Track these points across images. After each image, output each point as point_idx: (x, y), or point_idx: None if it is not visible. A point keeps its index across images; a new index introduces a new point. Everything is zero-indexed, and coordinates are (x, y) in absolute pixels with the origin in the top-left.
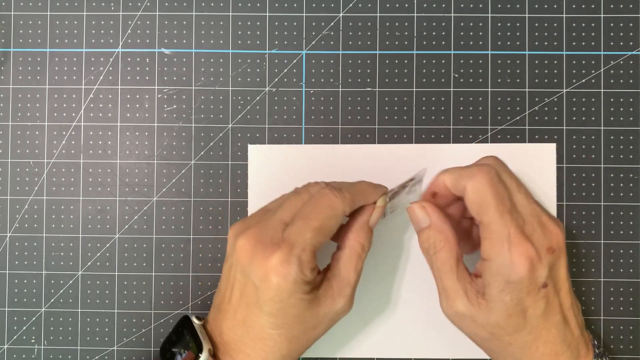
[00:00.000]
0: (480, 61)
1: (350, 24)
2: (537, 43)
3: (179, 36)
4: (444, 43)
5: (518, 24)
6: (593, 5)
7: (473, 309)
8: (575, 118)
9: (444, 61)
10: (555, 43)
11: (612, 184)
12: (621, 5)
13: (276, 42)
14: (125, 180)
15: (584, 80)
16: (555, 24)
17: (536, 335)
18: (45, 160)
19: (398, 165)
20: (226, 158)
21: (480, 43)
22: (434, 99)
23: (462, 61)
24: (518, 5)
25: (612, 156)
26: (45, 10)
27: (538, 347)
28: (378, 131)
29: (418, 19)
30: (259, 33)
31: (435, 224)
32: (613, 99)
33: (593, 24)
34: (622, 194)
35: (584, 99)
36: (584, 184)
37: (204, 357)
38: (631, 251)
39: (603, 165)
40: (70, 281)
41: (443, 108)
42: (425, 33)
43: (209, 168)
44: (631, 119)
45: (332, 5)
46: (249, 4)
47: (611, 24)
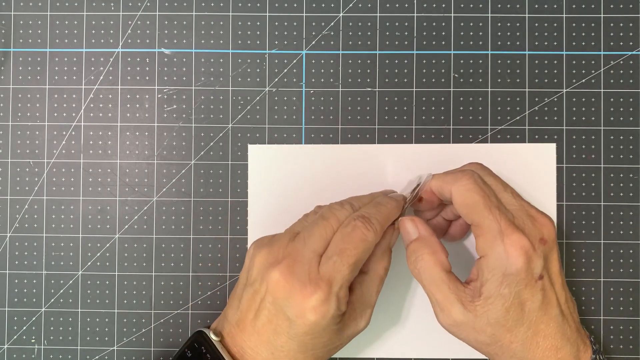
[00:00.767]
0: (480, 61)
1: (350, 24)
2: (537, 43)
3: (179, 36)
4: (444, 43)
5: (518, 24)
6: (593, 5)
7: (470, 315)
8: (575, 118)
9: (444, 61)
10: (555, 43)
11: (612, 184)
12: (621, 5)
13: (276, 42)
14: (125, 180)
15: (584, 80)
16: (555, 24)
17: (535, 330)
18: (45, 160)
19: (398, 165)
20: (226, 158)
21: (480, 43)
22: (434, 99)
23: (462, 61)
24: (518, 5)
25: (612, 156)
26: (45, 10)
27: (538, 342)
28: (378, 131)
29: (418, 19)
30: (259, 33)
31: (423, 235)
32: (613, 99)
33: (593, 24)
34: (622, 194)
35: (584, 99)
36: (584, 184)
37: None
38: (631, 251)
39: (603, 165)
40: (70, 281)
41: (443, 108)
42: (425, 33)
43: (209, 168)
44: (631, 119)
45: (332, 5)
46: (249, 4)
47: (611, 24)
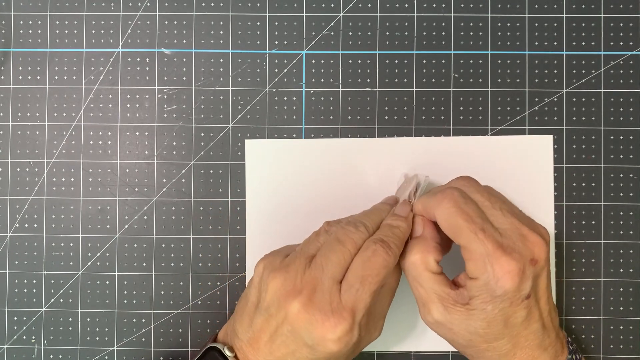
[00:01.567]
0: (480, 61)
1: (350, 24)
2: (537, 43)
3: (179, 36)
4: (444, 43)
5: (518, 24)
6: (593, 5)
7: (449, 316)
8: (575, 118)
9: (444, 61)
10: (555, 43)
11: (612, 184)
12: (621, 5)
13: (276, 42)
14: (125, 180)
15: (584, 80)
16: (555, 24)
17: (515, 343)
18: (45, 160)
19: (397, 158)
20: (226, 158)
21: (480, 43)
22: (434, 99)
23: (462, 61)
24: (518, 5)
25: (612, 156)
26: (45, 10)
27: (515, 353)
28: (378, 131)
29: (418, 19)
30: (259, 33)
31: (423, 235)
32: (613, 99)
33: (593, 24)
34: (622, 194)
35: (584, 99)
36: (584, 184)
37: None
38: (631, 251)
39: (603, 165)
40: (70, 281)
41: (443, 108)
42: (425, 33)
43: (209, 168)
44: (631, 119)
45: (332, 5)
46: (249, 4)
47: (611, 24)
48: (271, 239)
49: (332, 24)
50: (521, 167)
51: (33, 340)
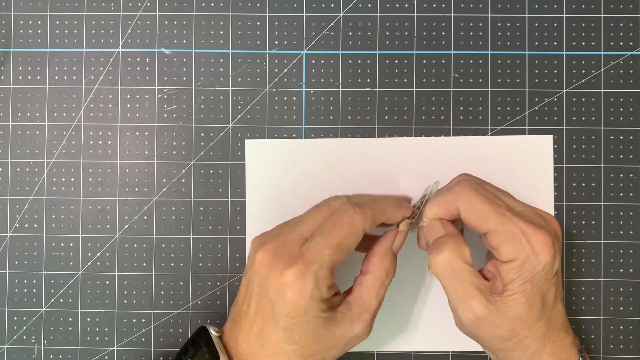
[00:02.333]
0: (480, 61)
1: (350, 24)
2: (537, 43)
3: (179, 36)
4: (444, 43)
5: (518, 24)
6: (593, 5)
7: (492, 308)
8: (575, 118)
9: (444, 61)
10: (555, 43)
11: (612, 184)
12: (621, 5)
13: (276, 42)
14: (125, 180)
15: (584, 80)
16: (555, 24)
17: (548, 324)
18: (45, 160)
19: (397, 158)
20: (226, 158)
21: (480, 43)
22: (434, 99)
23: (462, 61)
24: (518, 5)
25: (612, 156)
26: (45, 10)
27: (549, 336)
28: (378, 131)
29: (418, 19)
30: (259, 33)
31: (449, 232)
32: (613, 99)
33: (593, 24)
34: (622, 194)
35: (584, 99)
36: (584, 184)
37: None
38: (631, 251)
39: (603, 165)
40: (70, 281)
41: (443, 108)
42: (425, 33)
43: (209, 168)
44: (631, 119)
45: (332, 5)
46: (249, 4)
47: (611, 24)
48: None
49: (332, 24)
50: (521, 167)
51: (33, 340)
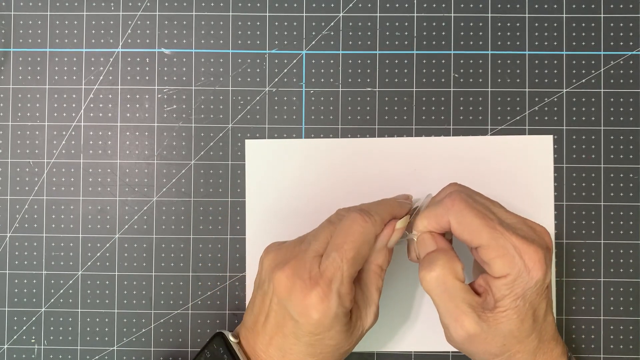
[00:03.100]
0: (480, 61)
1: (350, 24)
2: (537, 43)
3: (179, 36)
4: (444, 43)
5: (518, 24)
6: (593, 5)
7: (484, 325)
8: (575, 118)
9: (444, 61)
10: (555, 43)
11: (612, 184)
12: (621, 5)
13: (276, 42)
14: (125, 180)
15: (584, 80)
16: (555, 24)
17: (540, 338)
18: (45, 160)
19: (397, 158)
20: (226, 158)
21: (480, 43)
22: (434, 99)
23: (462, 61)
24: (518, 5)
25: (612, 156)
26: (45, 10)
27: (540, 348)
28: (378, 131)
29: (418, 19)
30: (259, 33)
31: (441, 247)
32: (613, 99)
33: (593, 24)
34: (622, 194)
35: (584, 99)
36: (584, 184)
37: None
38: (631, 251)
39: (603, 165)
40: (70, 281)
41: (443, 108)
42: (425, 33)
43: (209, 168)
44: (631, 119)
45: (332, 5)
46: (249, 4)
47: (611, 24)
48: (271, 239)
49: (332, 24)
50: (521, 167)
51: (33, 340)
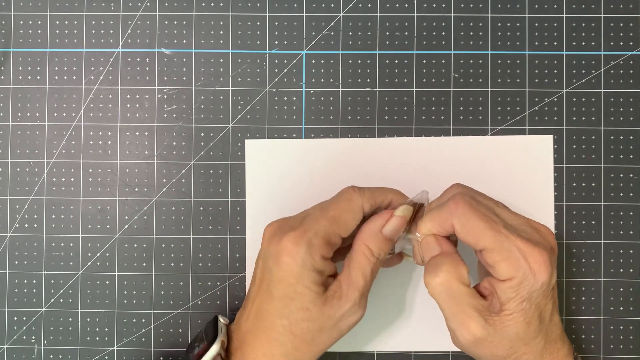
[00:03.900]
0: (480, 61)
1: (350, 24)
2: (537, 43)
3: (179, 36)
4: (444, 43)
5: (518, 24)
6: (593, 5)
7: (491, 329)
8: (575, 118)
9: (444, 61)
10: (555, 43)
11: (612, 184)
12: (621, 5)
13: (276, 42)
14: (125, 180)
15: (584, 80)
16: (555, 24)
17: (546, 339)
18: (45, 160)
19: (397, 158)
20: (226, 158)
21: (480, 43)
22: (434, 99)
23: (462, 61)
24: (518, 5)
25: (612, 156)
26: (45, 10)
27: (547, 349)
28: (378, 131)
29: (418, 19)
30: (259, 33)
31: (445, 251)
32: (613, 99)
33: (593, 24)
34: (622, 194)
35: (584, 99)
36: (584, 184)
37: (214, 347)
38: (631, 251)
39: (603, 165)
40: (70, 281)
41: (443, 108)
42: (425, 33)
43: (208, 168)
44: (631, 119)
45: (332, 5)
46: (249, 4)
47: (611, 24)
48: None
49: (332, 24)
50: (521, 167)
51: (33, 340)
